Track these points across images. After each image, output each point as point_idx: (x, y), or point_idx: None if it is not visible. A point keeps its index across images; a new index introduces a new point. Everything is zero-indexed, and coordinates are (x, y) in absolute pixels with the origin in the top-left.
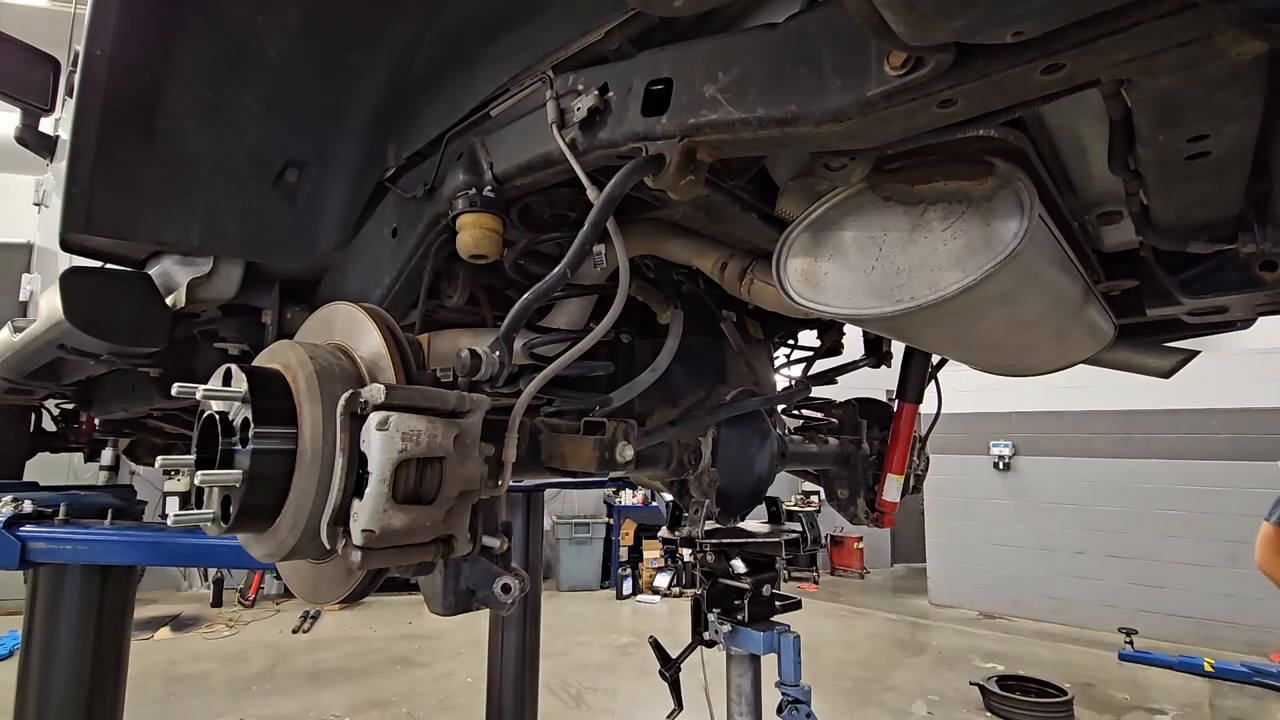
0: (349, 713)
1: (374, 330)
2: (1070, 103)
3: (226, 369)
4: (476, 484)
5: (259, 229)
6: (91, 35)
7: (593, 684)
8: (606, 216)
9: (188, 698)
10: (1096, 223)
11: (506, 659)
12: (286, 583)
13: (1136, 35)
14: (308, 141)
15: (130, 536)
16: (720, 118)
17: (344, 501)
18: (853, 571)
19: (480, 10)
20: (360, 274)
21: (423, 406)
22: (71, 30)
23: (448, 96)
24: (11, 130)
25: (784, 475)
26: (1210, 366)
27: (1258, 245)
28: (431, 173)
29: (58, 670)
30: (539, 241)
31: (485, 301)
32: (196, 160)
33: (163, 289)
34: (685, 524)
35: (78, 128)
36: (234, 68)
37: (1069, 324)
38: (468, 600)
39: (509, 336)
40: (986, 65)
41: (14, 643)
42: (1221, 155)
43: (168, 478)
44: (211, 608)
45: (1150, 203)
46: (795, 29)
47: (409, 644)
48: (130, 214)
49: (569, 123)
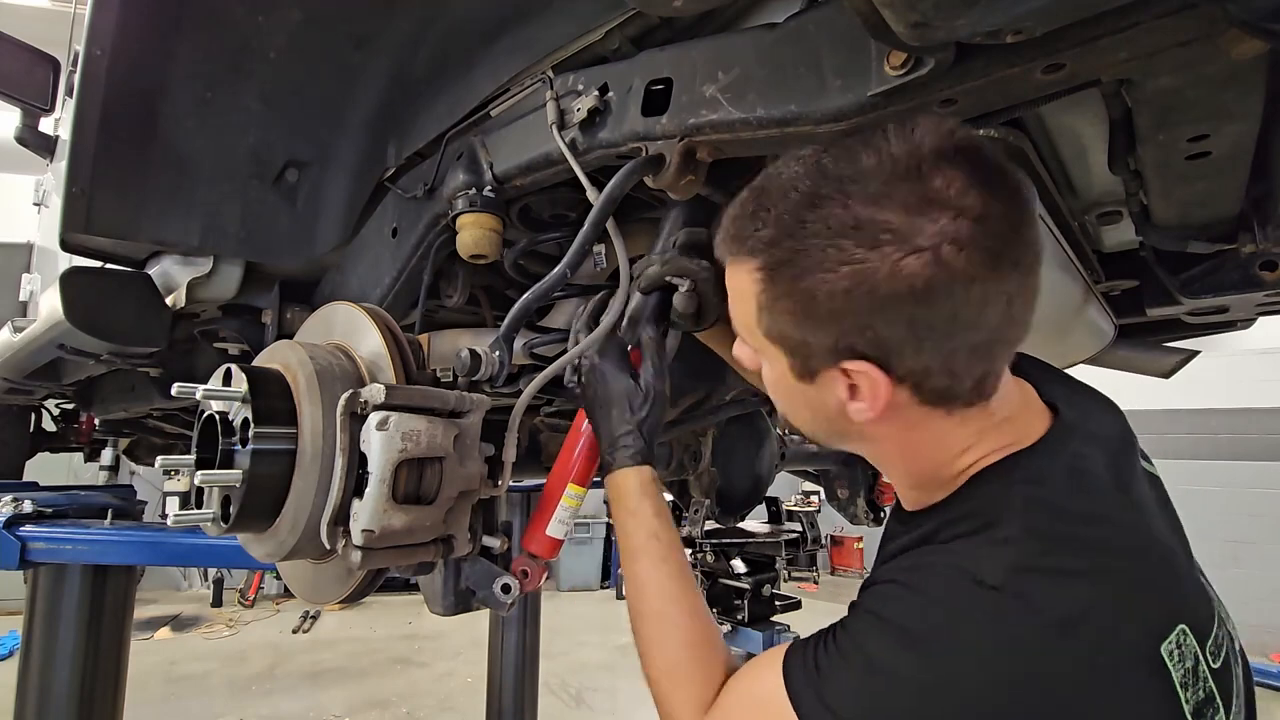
0: (349, 713)
1: (374, 330)
2: (1070, 103)
3: (226, 369)
4: (476, 484)
5: (259, 229)
6: (91, 35)
7: (593, 684)
8: (606, 216)
9: (187, 698)
10: (1096, 223)
11: (506, 659)
12: (286, 583)
13: (1136, 35)
14: (308, 141)
15: (130, 536)
16: (720, 118)
17: (344, 501)
18: (853, 571)
19: (480, 10)
20: (360, 274)
21: (423, 406)
22: (71, 30)
23: (448, 96)
24: (11, 130)
25: (784, 475)
26: (1210, 366)
27: (1258, 245)
28: (431, 173)
29: (58, 670)
30: (539, 241)
31: (485, 301)
32: (196, 160)
33: (163, 289)
34: (685, 524)
35: (78, 128)
36: (234, 68)
37: (1069, 324)
38: (468, 600)
39: (509, 336)
40: (987, 65)
41: (14, 643)
42: (1221, 155)
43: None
44: (211, 608)
45: (1150, 203)
46: (795, 29)
47: (409, 644)
48: (130, 214)
49: (569, 123)
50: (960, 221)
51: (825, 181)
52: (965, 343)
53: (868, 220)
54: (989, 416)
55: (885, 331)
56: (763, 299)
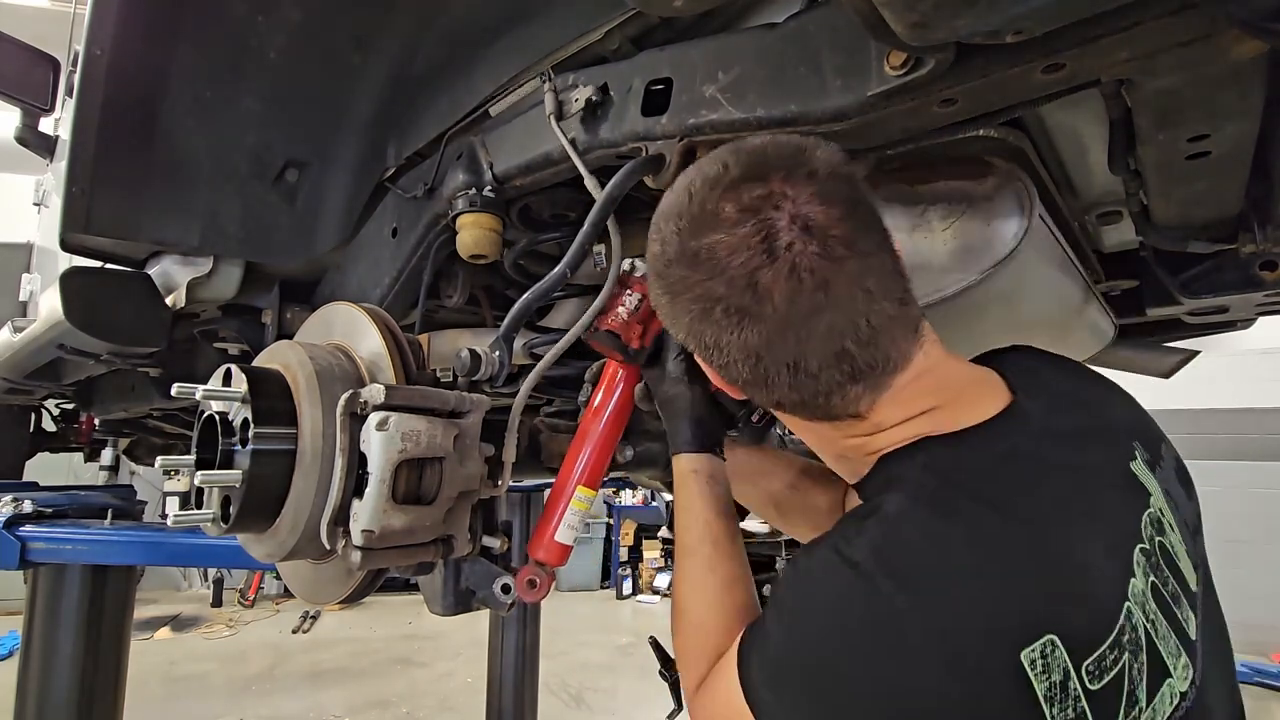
0: (349, 713)
1: (374, 330)
2: (1070, 103)
3: (226, 369)
4: (476, 484)
5: (259, 229)
6: (91, 35)
7: (593, 684)
8: (606, 216)
9: (187, 698)
10: (1096, 223)
11: (506, 659)
12: (286, 583)
13: (1136, 35)
14: (308, 141)
15: (130, 536)
16: (720, 118)
17: (344, 501)
18: None
19: (480, 10)
20: (360, 274)
21: (422, 406)
22: (71, 30)
23: (448, 96)
24: (11, 130)
25: None
26: (1210, 366)
27: (1258, 245)
28: (431, 172)
29: (58, 670)
30: (539, 241)
31: (485, 301)
32: (196, 160)
33: (163, 289)
34: None
35: (78, 128)
36: (234, 68)
37: (1069, 324)
38: (468, 600)
39: (509, 336)
40: (987, 65)
41: (14, 643)
42: (1221, 155)
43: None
44: (211, 608)
45: (1150, 203)
46: (795, 29)
47: (409, 644)
48: (130, 214)
49: (567, 113)
50: (713, 283)
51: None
52: (739, 375)
53: (664, 263)
54: (875, 425)
55: (692, 344)
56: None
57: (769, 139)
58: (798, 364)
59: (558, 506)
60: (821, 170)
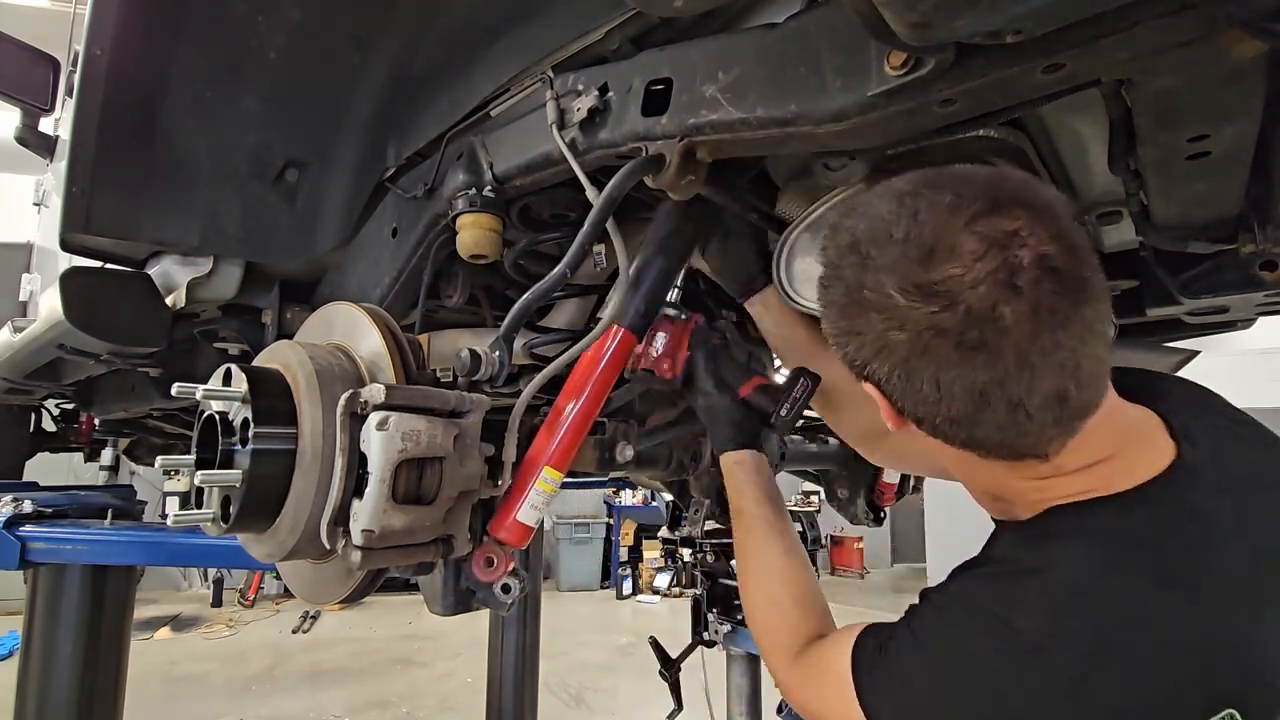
0: (349, 713)
1: (374, 330)
2: (1070, 103)
3: (226, 369)
4: (476, 484)
5: (259, 229)
6: (91, 35)
7: (593, 684)
8: (606, 216)
9: (187, 698)
10: (1096, 223)
11: (506, 659)
12: (286, 583)
13: (1136, 35)
14: (308, 141)
15: (130, 536)
16: (720, 118)
17: (344, 501)
18: (853, 571)
19: (480, 10)
20: (360, 274)
21: (423, 406)
22: (71, 30)
23: (447, 96)
24: (11, 130)
25: (784, 475)
26: (1210, 366)
27: (1258, 245)
28: (431, 173)
29: (58, 670)
30: (539, 241)
31: (485, 301)
32: (196, 160)
33: (163, 289)
34: (685, 524)
35: (78, 128)
36: (234, 68)
37: None
38: (468, 600)
39: (509, 336)
40: (987, 65)
41: (14, 643)
42: (1221, 155)
43: (168, 478)
44: (211, 608)
45: (1150, 203)
46: (795, 29)
47: (409, 644)
48: (130, 214)
49: (569, 123)
50: (945, 315)
51: (854, 253)
52: (946, 412)
53: (874, 288)
54: (1055, 469)
55: (878, 374)
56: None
57: (992, 170)
58: (1020, 403)
59: (524, 486)
60: (1061, 210)
